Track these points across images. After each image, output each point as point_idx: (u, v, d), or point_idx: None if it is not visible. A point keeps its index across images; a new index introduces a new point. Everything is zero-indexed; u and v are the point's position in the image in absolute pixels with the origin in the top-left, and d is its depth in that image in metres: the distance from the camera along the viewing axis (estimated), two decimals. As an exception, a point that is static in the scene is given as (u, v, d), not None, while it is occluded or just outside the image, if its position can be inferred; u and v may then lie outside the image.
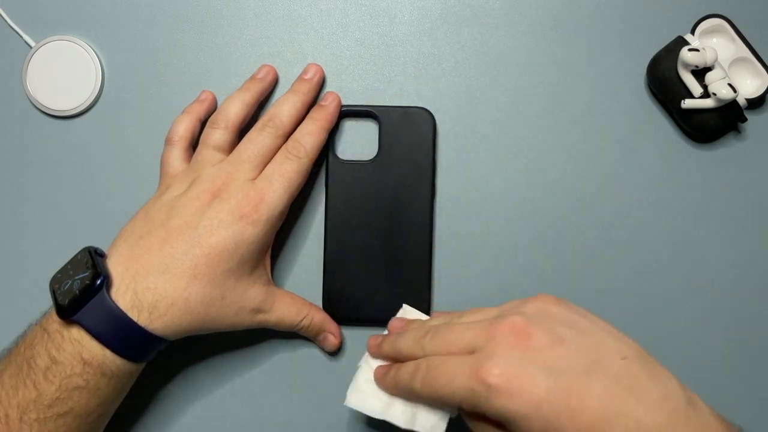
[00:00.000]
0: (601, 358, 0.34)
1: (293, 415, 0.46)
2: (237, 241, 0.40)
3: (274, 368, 0.47)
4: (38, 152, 0.48)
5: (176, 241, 0.39)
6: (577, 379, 0.33)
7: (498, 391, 0.33)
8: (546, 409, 0.32)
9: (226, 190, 0.41)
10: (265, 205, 0.41)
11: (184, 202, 0.41)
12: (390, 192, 0.46)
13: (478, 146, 0.47)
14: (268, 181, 0.41)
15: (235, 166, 0.42)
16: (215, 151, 0.43)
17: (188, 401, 0.46)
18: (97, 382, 0.38)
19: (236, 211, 0.40)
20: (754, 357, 0.46)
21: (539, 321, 0.35)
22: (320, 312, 0.45)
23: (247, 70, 0.48)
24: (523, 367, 0.33)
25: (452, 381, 0.35)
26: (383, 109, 0.46)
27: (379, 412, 0.38)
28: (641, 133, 0.47)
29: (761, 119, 0.47)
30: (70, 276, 0.39)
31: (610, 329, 0.36)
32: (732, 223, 0.47)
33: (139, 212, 0.42)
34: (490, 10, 0.48)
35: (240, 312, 0.41)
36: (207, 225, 0.39)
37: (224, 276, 0.40)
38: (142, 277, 0.38)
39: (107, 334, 0.37)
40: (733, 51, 0.45)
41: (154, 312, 0.38)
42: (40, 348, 0.38)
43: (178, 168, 0.44)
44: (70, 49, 0.48)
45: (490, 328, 0.35)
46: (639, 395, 0.33)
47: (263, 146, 0.43)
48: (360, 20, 0.48)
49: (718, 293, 0.46)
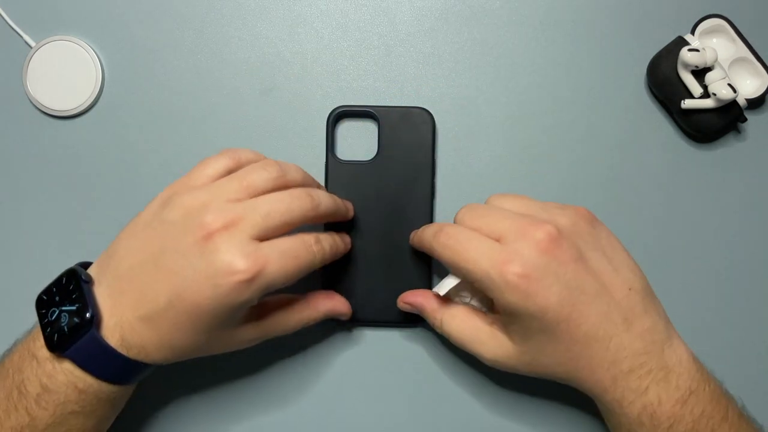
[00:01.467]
0: (611, 285, 0.38)
1: (289, 413, 0.46)
2: (220, 305, 0.36)
3: (269, 378, 0.47)
4: (38, 152, 0.48)
5: (160, 287, 0.36)
6: (585, 298, 0.37)
7: (514, 288, 0.36)
8: (550, 315, 0.36)
9: (225, 238, 0.35)
10: (262, 277, 0.35)
11: (179, 233, 0.36)
12: (389, 192, 0.46)
13: (478, 146, 0.47)
14: (277, 255, 0.36)
15: (247, 213, 0.36)
16: (244, 190, 0.37)
17: (175, 398, 0.46)
18: (93, 406, 0.37)
19: (228, 273, 0.35)
20: (754, 357, 0.46)
21: (570, 235, 0.38)
22: (321, 303, 0.43)
23: (247, 70, 0.48)
24: (544, 274, 0.36)
25: (475, 261, 0.37)
26: (382, 110, 0.46)
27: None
28: (641, 133, 0.47)
29: (761, 119, 0.47)
30: (57, 304, 0.37)
31: (629, 261, 0.39)
32: (732, 223, 0.47)
33: (137, 222, 0.39)
34: (490, 10, 0.48)
35: (234, 345, 0.40)
36: (193, 279, 0.35)
37: (209, 330, 0.37)
38: (127, 318, 0.36)
39: (100, 368, 0.36)
40: (733, 51, 0.45)
41: (142, 351, 0.37)
42: (29, 374, 0.37)
43: (204, 179, 0.39)
44: (70, 49, 0.48)
45: (525, 226, 0.37)
46: (630, 324, 0.37)
47: (289, 213, 0.37)
48: (360, 20, 0.48)
49: (718, 293, 0.46)
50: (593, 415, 0.45)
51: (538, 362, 0.39)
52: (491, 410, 0.46)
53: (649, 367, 0.37)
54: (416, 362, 0.46)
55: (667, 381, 0.37)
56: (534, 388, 0.46)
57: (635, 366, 0.37)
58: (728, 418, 0.37)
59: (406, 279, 0.46)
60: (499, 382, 0.46)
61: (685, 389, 0.37)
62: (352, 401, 0.46)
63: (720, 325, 0.46)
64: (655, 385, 0.37)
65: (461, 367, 0.46)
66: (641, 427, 0.37)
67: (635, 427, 0.37)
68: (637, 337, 0.37)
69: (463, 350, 0.41)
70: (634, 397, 0.37)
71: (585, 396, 0.40)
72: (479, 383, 0.46)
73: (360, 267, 0.46)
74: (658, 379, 0.37)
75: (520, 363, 0.39)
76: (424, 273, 0.46)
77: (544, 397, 0.46)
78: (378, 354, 0.46)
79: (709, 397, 0.37)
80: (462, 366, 0.46)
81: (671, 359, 0.37)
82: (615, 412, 0.38)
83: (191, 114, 0.48)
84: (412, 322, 0.46)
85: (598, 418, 0.44)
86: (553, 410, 0.46)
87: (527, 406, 0.46)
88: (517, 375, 0.42)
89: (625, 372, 0.37)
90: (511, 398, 0.46)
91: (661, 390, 0.37)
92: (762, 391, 0.45)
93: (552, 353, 0.38)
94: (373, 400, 0.46)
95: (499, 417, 0.46)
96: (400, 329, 0.47)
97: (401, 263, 0.46)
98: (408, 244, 0.45)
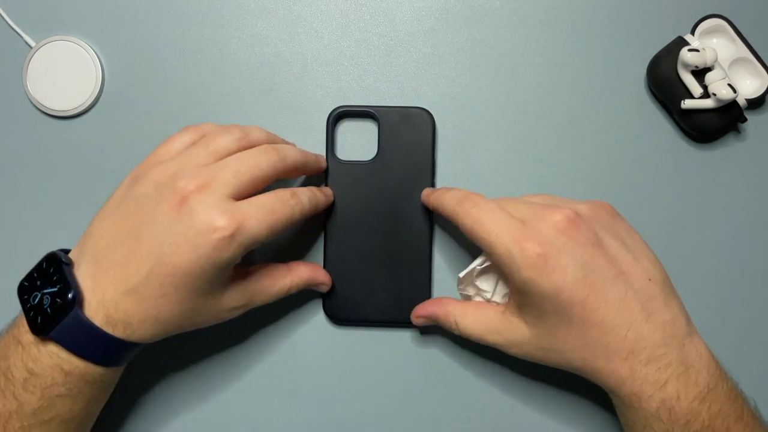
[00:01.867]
0: (630, 273, 0.38)
1: (289, 414, 0.46)
2: (204, 264, 0.36)
3: (267, 378, 0.47)
4: (38, 152, 0.48)
5: (141, 257, 0.36)
6: (601, 281, 0.37)
7: (532, 265, 0.36)
8: (565, 296, 0.36)
9: (200, 199, 0.36)
10: (242, 233, 0.36)
11: (153, 203, 0.37)
12: (390, 192, 0.46)
13: (477, 146, 0.47)
14: (254, 210, 0.37)
15: (218, 173, 0.37)
16: (210, 154, 0.39)
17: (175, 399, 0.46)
18: (80, 389, 0.37)
19: (207, 232, 0.36)
20: (754, 356, 0.46)
21: (589, 221, 0.38)
22: (303, 271, 0.43)
23: (247, 70, 0.48)
24: (561, 253, 0.36)
25: (497, 234, 0.38)
26: (382, 110, 0.46)
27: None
28: (641, 133, 0.47)
29: (761, 119, 0.47)
30: (38, 288, 0.37)
31: (649, 253, 0.40)
32: (732, 223, 0.47)
33: (111, 201, 0.39)
34: (490, 10, 0.48)
35: (218, 314, 0.40)
36: (173, 243, 0.36)
37: (193, 294, 0.37)
38: (110, 294, 0.36)
39: (86, 348, 0.37)
40: (733, 51, 0.45)
41: (128, 327, 0.37)
42: (15, 359, 0.37)
43: (170, 153, 0.40)
44: (70, 49, 0.48)
45: (545, 209, 0.38)
46: (649, 313, 0.37)
47: (257, 167, 0.38)
48: (360, 20, 0.48)
49: (718, 293, 0.46)
50: (594, 417, 0.45)
51: (553, 347, 0.38)
52: (492, 410, 0.46)
53: (668, 360, 0.36)
54: (417, 362, 0.46)
55: (686, 376, 0.36)
56: (535, 388, 0.46)
57: (654, 358, 0.36)
58: (743, 418, 0.37)
59: (406, 279, 0.46)
60: (499, 382, 0.46)
61: (704, 386, 0.36)
62: (352, 401, 0.46)
63: (720, 325, 0.46)
64: (675, 379, 0.36)
65: (462, 368, 0.46)
66: (658, 422, 0.36)
67: (652, 422, 0.36)
68: (657, 328, 0.37)
69: (485, 345, 0.41)
70: (653, 390, 0.36)
71: (594, 396, 0.39)
72: (480, 383, 0.46)
73: (360, 267, 0.46)
74: (677, 373, 0.36)
75: (536, 349, 0.39)
76: (424, 272, 0.46)
77: (546, 397, 0.46)
78: (378, 354, 0.46)
79: (726, 396, 0.37)
80: (462, 366, 0.46)
81: (691, 355, 0.37)
82: (632, 406, 0.37)
83: (191, 114, 0.48)
84: (412, 322, 0.46)
85: (599, 423, 0.44)
86: (555, 411, 0.46)
87: (529, 407, 0.46)
88: (518, 375, 0.42)
89: (643, 363, 0.36)
90: (512, 398, 0.46)
91: (681, 385, 0.36)
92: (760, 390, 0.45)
93: (566, 338, 0.37)
94: (374, 400, 0.46)
95: (499, 416, 0.46)
96: (401, 329, 0.47)
97: (402, 263, 0.46)
98: (408, 244, 0.45)
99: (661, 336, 0.37)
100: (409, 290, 0.45)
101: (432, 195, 0.43)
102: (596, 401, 0.45)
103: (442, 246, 0.47)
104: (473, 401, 0.46)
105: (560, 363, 0.39)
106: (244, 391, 0.46)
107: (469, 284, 0.42)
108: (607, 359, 0.37)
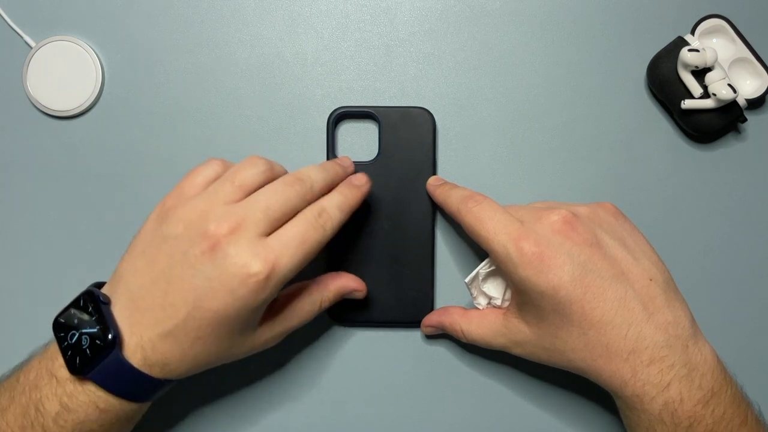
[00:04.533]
0: (630, 273, 0.38)
1: (292, 414, 0.46)
2: (240, 308, 0.36)
3: (270, 381, 0.47)
4: (38, 152, 0.48)
5: (177, 300, 0.36)
6: (600, 281, 0.37)
7: (528, 263, 0.37)
8: (562, 294, 0.36)
9: (232, 241, 0.35)
10: (276, 273, 0.36)
11: (185, 246, 0.36)
12: (391, 192, 0.46)
13: (477, 147, 0.47)
14: (286, 246, 0.36)
15: (248, 213, 0.36)
16: (237, 190, 0.38)
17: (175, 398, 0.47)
18: (112, 425, 0.37)
19: (242, 275, 0.35)
20: (754, 359, 0.46)
21: (588, 221, 0.39)
22: (331, 283, 0.42)
23: (247, 70, 0.48)
24: (558, 252, 0.37)
25: (495, 232, 0.38)
26: (383, 110, 0.46)
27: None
28: (641, 133, 0.47)
29: (761, 119, 0.47)
30: (76, 326, 0.36)
31: (650, 254, 0.40)
32: (732, 222, 0.47)
33: (138, 241, 0.38)
34: (490, 10, 0.48)
35: (253, 348, 0.40)
36: (209, 288, 0.35)
37: (229, 335, 0.37)
38: (147, 336, 0.36)
39: (123, 389, 0.36)
40: (733, 51, 0.45)
41: (166, 368, 0.37)
42: (48, 392, 0.36)
43: (195, 188, 0.39)
44: (70, 49, 0.48)
45: (543, 211, 0.39)
46: (651, 313, 0.37)
47: (286, 201, 0.37)
48: (360, 20, 0.48)
49: (717, 293, 0.46)
50: (599, 418, 0.45)
51: (555, 347, 0.38)
52: (497, 410, 0.46)
53: (671, 362, 0.36)
54: (420, 362, 0.46)
55: (690, 379, 0.36)
56: (539, 388, 0.46)
57: (656, 359, 0.36)
58: (747, 422, 0.36)
59: (409, 278, 0.46)
60: (504, 382, 0.46)
61: (708, 390, 0.36)
62: (354, 401, 0.46)
63: (720, 326, 0.46)
64: (678, 381, 0.36)
65: (466, 367, 0.46)
66: (662, 425, 0.36)
67: (655, 425, 0.36)
68: (659, 329, 0.37)
69: (490, 350, 0.42)
70: (656, 392, 0.36)
71: (599, 398, 0.39)
72: (484, 383, 0.46)
73: (363, 267, 0.46)
74: (680, 376, 0.36)
75: (539, 348, 0.39)
76: (427, 272, 0.46)
77: (551, 397, 0.46)
78: (381, 354, 0.46)
79: (731, 400, 0.36)
80: (466, 366, 0.46)
81: (695, 357, 0.37)
82: (635, 408, 0.37)
83: (191, 114, 0.48)
84: (415, 322, 0.46)
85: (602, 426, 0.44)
86: (560, 411, 0.46)
87: (533, 407, 0.46)
88: (522, 375, 0.42)
89: (645, 364, 0.36)
90: (517, 398, 0.46)
91: (684, 388, 0.36)
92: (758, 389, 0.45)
93: (567, 337, 0.38)
94: (377, 399, 0.46)
95: (504, 417, 0.46)
96: (404, 329, 0.47)
97: (404, 263, 0.46)
98: (410, 244, 0.45)
99: (664, 337, 0.36)
100: (412, 290, 0.45)
101: (438, 188, 0.44)
102: (601, 403, 0.45)
103: (445, 245, 0.47)
104: (477, 401, 0.46)
105: (563, 363, 0.39)
106: (246, 391, 0.46)
107: (480, 293, 0.42)
108: (608, 359, 0.37)
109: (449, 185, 0.44)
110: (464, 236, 0.47)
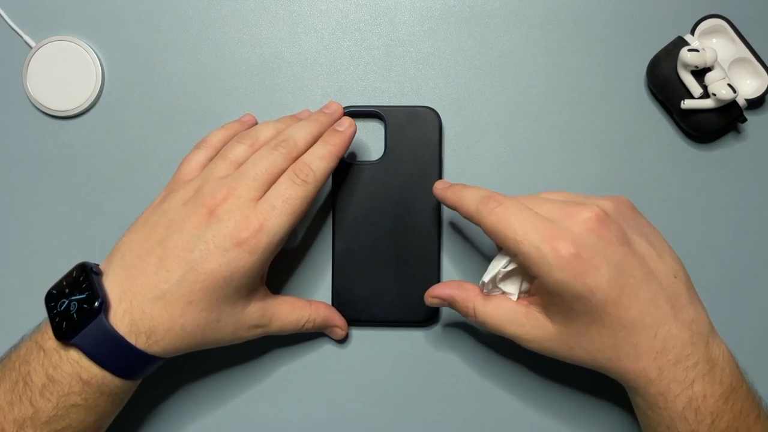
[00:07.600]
0: (657, 271, 0.37)
1: (296, 414, 0.46)
2: (233, 269, 0.38)
3: (274, 379, 0.47)
4: (38, 152, 0.48)
5: (172, 264, 0.38)
6: (633, 282, 0.36)
7: (565, 265, 0.35)
8: (598, 297, 0.35)
9: (225, 208, 0.38)
10: (264, 232, 0.38)
11: (182, 216, 0.39)
12: (397, 192, 0.46)
13: (477, 147, 0.47)
14: (271, 206, 0.39)
15: (239, 182, 0.39)
16: (230, 165, 0.41)
17: (186, 412, 0.46)
18: (96, 400, 0.38)
19: (234, 236, 0.38)
20: (755, 356, 0.46)
21: (615, 218, 0.37)
22: (322, 309, 0.44)
23: (247, 70, 0.48)
24: (594, 254, 0.35)
25: (525, 232, 0.36)
26: (389, 109, 0.46)
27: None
28: (641, 133, 0.47)
29: (761, 119, 0.47)
30: (66, 295, 0.38)
31: (670, 250, 0.39)
32: (732, 222, 0.47)
33: (140, 219, 0.41)
34: (490, 10, 0.48)
35: (238, 330, 0.41)
36: (203, 249, 0.37)
37: (220, 301, 0.38)
38: (138, 301, 0.37)
39: (106, 357, 0.37)
40: (733, 51, 0.46)
41: (152, 337, 0.37)
42: (36, 365, 0.37)
43: (192, 172, 0.42)
44: (70, 49, 0.48)
45: (571, 207, 0.37)
46: (677, 311, 0.37)
47: (273, 165, 0.40)
48: (360, 20, 0.48)
49: (717, 293, 0.46)
50: (607, 418, 0.45)
51: (579, 346, 0.37)
52: (501, 410, 0.46)
53: (695, 359, 0.36)
54: (425, 361, 0.46)
55: (712, 375, 0.36)
56: (545, 389, 0.46)
57: (682, 357, 0.36)
58: (760, 417, 0.37)
59: (415, 278, 0.46)
60: (509, 383, 0.46)
61: (728, 385, 0.36)
62: (360, 401, 0.46)
63: (720, 325, 0.46)
64: (701, 378, 0.36)
65: (471, 368, 0.46)
66: (684, 422, 0.36)
67: (678, 422, 0.36)
68: (684, 326, 0.36)
69: (501, 336, 0.40)
70: (680, 390, 0.36)
71: (608, 397, 0.39)
72: (483, 384, 0.46)
73: (369, 267, 0.46)
74: (703, 372, 0.36)
75: (560, 346, 0.38)
76: (433, 271, 0.46)
77: (556, 398, 0.46)
78: (386, 353, 0.46)
79: (746, 395, 0.37)
80: (471, 366, 0.46)
81: (715, 353, 0.37)
82: (657, 406, 0.36)
83: (191, 114, 0.48)
84: (420, 322, 0.46)
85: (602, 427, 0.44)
86: (566, 412, 0.46)
87: (538, 408, 0.46)
88: (527, 375, 0.42)
89: (671, 362, 0.36)
90: (521, 399, 0.46)
91: (706, 384, 0.36)
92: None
93: (596, 337, 0.37)
94: (382, 399, 0.46)
95: (508, 417, 0.46)
96: (410, 329, 0.47)
97: (410, 262, 0.46)
98: (416, 244, 0.45)
99: (689, 334, 0.36)
100: (417, 289, 0.45)
101: (449, 190, 0.41)
102: (609, 402, 0.45)
103: (450, 245, 0.47)
104: (482, 401, 0.46)
105: (583, 360, 0.38)
106: (250, 392, 0.46)
107: (494, 289, 0.41)
108: (635, 359, 0.36)
109: (458, 186, 0.41)
110: (470, 236, 0.47)
